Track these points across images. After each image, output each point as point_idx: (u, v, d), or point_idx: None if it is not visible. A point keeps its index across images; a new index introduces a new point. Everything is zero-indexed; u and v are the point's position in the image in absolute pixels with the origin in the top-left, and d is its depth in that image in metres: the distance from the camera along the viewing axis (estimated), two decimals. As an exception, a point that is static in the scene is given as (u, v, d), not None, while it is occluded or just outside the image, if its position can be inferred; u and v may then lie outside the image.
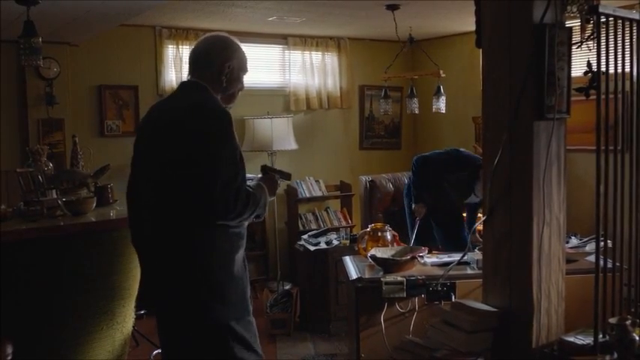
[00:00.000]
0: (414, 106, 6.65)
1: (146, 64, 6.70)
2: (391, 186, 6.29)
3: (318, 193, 7.45)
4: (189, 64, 2.77)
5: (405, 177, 6.41)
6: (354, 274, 3.55)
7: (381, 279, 3.33)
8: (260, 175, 2.95)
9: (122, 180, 6.19)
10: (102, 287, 3.52)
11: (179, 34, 6.74)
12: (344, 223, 7.40)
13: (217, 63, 2.70)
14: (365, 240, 3.93)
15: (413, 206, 5.22)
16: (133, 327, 4.80)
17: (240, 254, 2.70)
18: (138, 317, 5.30)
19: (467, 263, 3.62)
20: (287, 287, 6.10)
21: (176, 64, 6.76)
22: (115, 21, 5.60)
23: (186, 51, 6.75)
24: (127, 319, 3.71)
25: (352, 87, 7.90)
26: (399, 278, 3.33)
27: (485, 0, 2.89)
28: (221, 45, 2.76)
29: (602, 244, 2.81)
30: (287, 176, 3.09)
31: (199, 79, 2.70)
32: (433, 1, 5.61)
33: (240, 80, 2.82)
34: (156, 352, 4.98)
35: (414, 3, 5.62)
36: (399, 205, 6.17)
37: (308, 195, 7.38)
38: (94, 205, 3.60)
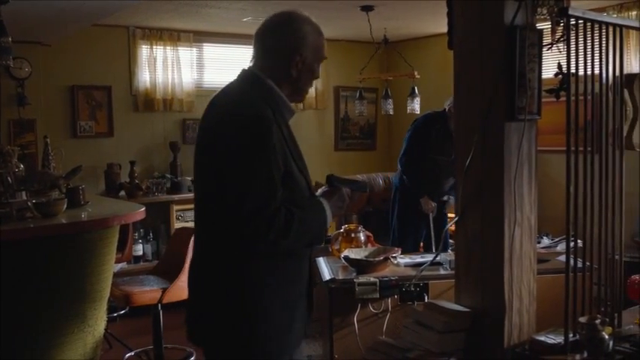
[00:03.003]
0: (389, 107, 6.68)
1: (120, 64, 6.65)
2: (366, 187, 6.28)
3: (293, 194, 7.42)
4: (253, 47, 2.31)
5: (380, 178, 6.41)
6: (327, 275, 3.55)
7: (354, 280, 3.34)
8: (325, 188, 2.41)
9: (94, 181, 6.26)
10: (73, 290, 3.48)
11: (153, 35, 6.69)
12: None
13: (285, 51, 2.22)
14: (338, 241, 3.93)
15: (422, 203, 5.23)
16: (106, 329, 4.76)
17: (294, 292, 2.29)
18: (111, 320, 5.27)
19: (440, 264, 3.64)
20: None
21: (150, 65, 6.72)
22: (87, 21, 5.55)
23: (160, 51, 6.72)
24: (98, 321, 3.67)
25: (327, 88, 7.90)
26: (372, 279, 3.33)
27: (457, 2, 2.91)
28: (292, 27, 2.24)
29: (572, 244, 2.84)
30: (362, 187, 2.61)
31: (260, 69, 2.24)
32: (407, 3, 5.63)
33: (313, 71, 2.32)
34: (128, 354, 4.94)
35: (389, 4, 5.64)
36: (373, 206, 6.18)
37: (283, 196, 7.35)
38: (65, 206, 3.55)
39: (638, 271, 3.18)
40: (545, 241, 4.20)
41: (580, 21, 2.70)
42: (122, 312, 5.58)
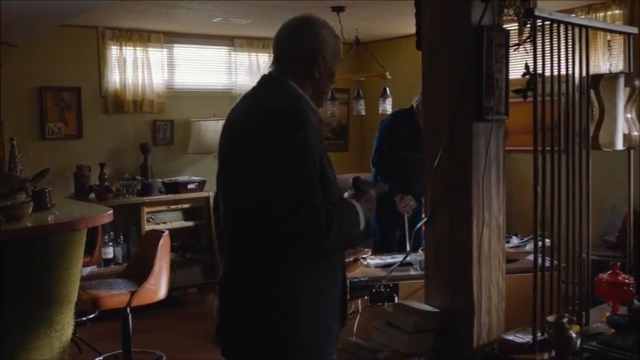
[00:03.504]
0: (361, 107, 6.68)
1: (89, 65, 6.57)
2: (337, 187, 6.27)
3: (265, 196, 7.40)
4: (273, 51, 2.34)
5: (351, 179, 6.38)
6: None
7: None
8: (352, 191, 2.43)
9: (63, 184, 6.18)
10: (39, 294, 3.43)
11: (123, 35, 6.63)
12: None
13: (309, 53, 2.24)
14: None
15: (397, 202, 5.16)
16: (76, 334, 4.71)
17: (329, 297, 2.26)
18: (81, 324, 5.21)
19: (410, 264, 3.64)
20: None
21: (120, 66, 6.65)
22: (56, 21, 5.49)
23: (129, 52, 6.66)
24: (65, 326, 3.62)
25: (299, 89, 7.88)
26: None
27: (424, 2, 2.92)
28: (312, 30, 2.28)
29: (541, 243, 2.86)
30: (383, 188, 2.61)
31: (282, 72, 2.25)
32: (378, 4, 5.64)
33: (333, 73, 2.34)
34: (98, 358, 4.89)
35: (359, 5, 5.64)
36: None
37: (255, 197, 7.33)
38: (31, 209, 3.50)
39: (606, 270, 3.20)
40: (515, 240, 4.23)
41: (546, 22, 2.73)
42: (92, 316, 5.52)
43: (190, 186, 6.68)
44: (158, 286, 4.18)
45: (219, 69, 7.42)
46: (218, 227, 2.41)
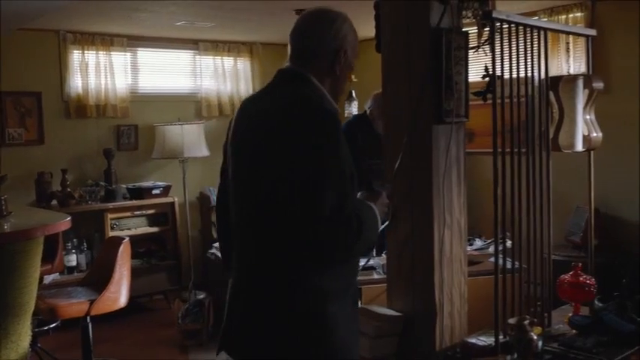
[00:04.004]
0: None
1: (50, 69, 6.44)
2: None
3: (232, 200, 7.35)
4: (291, 45, 2.19)
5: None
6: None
7: (287, 287, 3.29)
8: (364, 193, 2.30)
9: (24, 191, 6.06)
10: (-6, 304, 3.34)
11: (85, 39, 6.52)
12: (259, 230, 7.32)
13: (330, 48, 2.14)
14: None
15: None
16: (37, 344, 4.62)
17: (352, 300, 2.17)
18: (43, 333, 5.11)
19: (373, 268, 3.62)
20: (201, 296, 5.98)
21: (82, 70, 6.54)
22: (11, 24, 5.37)
23: (92, 56, 6.55)
24: (22, 337, 3.52)
25: (265, 92, 7.83)
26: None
27: (384, 5, 2.91)
28: (335, 25, 2.16)
29: (503, 245, 2.86)
30: (390, 188, 2.62)
31: (302, 67, 2.13)
32: (342, 6, 5.59)
33: (352, 69, 2.26)
34: (59, 368, 4.79)
35: (323, 8, 5.61)
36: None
37: (221, 202, 7.27)
38: (-14, 217, 3.42)
39: (571, 270, 3.22)
40: (478, 242, 4.24)
41: (505, 24, 2.73)
42: (53, 325, 5.41)
43: (155, 191, 6.59)
44: (119, 294, 4.11)
45: (184, 73, 7.35)
46: (223, 222, 2.30)
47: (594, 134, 3.15)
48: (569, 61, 5.78)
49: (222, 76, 7.45)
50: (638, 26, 5.58)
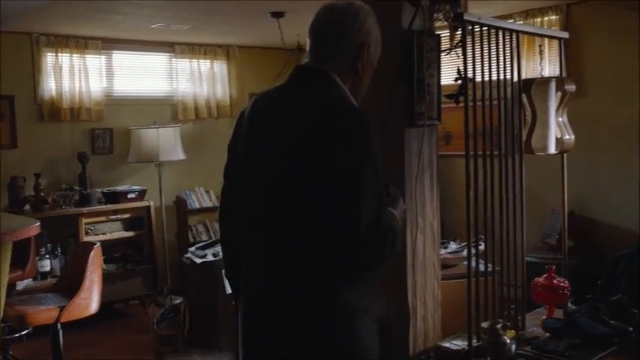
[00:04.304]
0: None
1: (23, 72, 6.33)
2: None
3: (209, 204, 7.30)
4: (311, 39, 2.03)
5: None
6: (229, 288, 3.45)
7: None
8: None
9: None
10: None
11: (58, 42, 6.43)
12: (236, 234, 7.28)
13: (353, 43, 1.99)
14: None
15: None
16: (9, 352, 4.54)
17: (373, 312, 2.02)
18: (16, 340, 5.02)
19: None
20: (177, 301, 5.92)
21: (56, 73, 6.45)
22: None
23: (66, 59, 6.47)
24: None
25: (242, 95, 7.79)
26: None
27: (355, 7, 2.88)
28: (359, 18, 2.00)
29: (479, 247, 2.85)
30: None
31: (323, 64, 1.97)
32: (317, 9, 5.59)
33: (374, 67, 2.11)
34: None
35: (299, 10, 5.58)
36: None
37: (198, 206, 7.23)
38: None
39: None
40: (453, 245, 4.23)
41: (477, 27, 2.72)
42: (25, 332, 5.32)
43: (130, 195, 6.52)
44: (89, 300, 4.05)
45: (160, 76, 7.29)
46: (229, 227, 2.14)
47: (567, 137, 3.15)
48: (543, 63, 5.80)
49: (198, 79, 7.40)
50: (612, 29, 5.62)
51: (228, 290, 3.43)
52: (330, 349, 1.86)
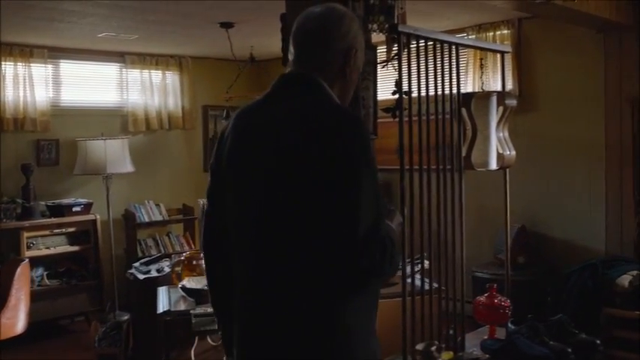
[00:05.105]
0: (256, 126, 6.54)
1: (-37, 81, 6.15)
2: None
3: (159, 217, 7.15)
4: (296, 47, 1.94)
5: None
6: (162, 306, 3.32)
7: (191, 311, 3.13)
8: None
9: None
10: None
11: (2, 50, 6.23)
12: (186, 248, 7.13)
13: (340, 49, 1.91)
14: (180, 269, 3.71)
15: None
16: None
17: (374, 329, 1.94)
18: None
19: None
20: (124, 318, 5.75)
21: (-4, 82, 6.26)
22: None
23: (9, 68, 6.29)
24: None
25: (195, 107, 7.67)
26: (210, 310, 3.13)
27: (290, 17, 2.80)
28: (344, 22, 1.93)
29: (421, 265, 2.76)
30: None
31: (311, 70, 1.89)
32: (267, 20, 5.46)
33: (360, 72, 2.05)
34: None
35: (249, 21, 5.50)
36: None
37: (147, 219, 7.06)
38: None
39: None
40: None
41: (421, 40, 2.64)
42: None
43: (76, 208, 6.34)
44: (15, 319, 3.88)
45: (110, 86, 7.12)
46: (216, 253, 2.02)
47: (507, 152, 3.09)
48: (485, 77, 5.79)
49: (149, 90, 7.25)
50: (561, 44, 5.63)
51: (160, 308, 3.32)
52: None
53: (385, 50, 2.86)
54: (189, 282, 3.44)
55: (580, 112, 5.55)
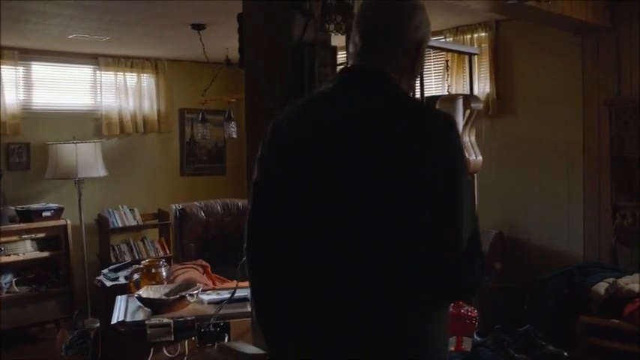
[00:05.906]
0: (232, 130, 6.46)
1: None
2: (203, 214, 5.96)
3: (133, 223, 7.01)
4: (363, 38, 1.77)
5: (218, 204, 6.10)
6: (116, 317, 3.21)
7: (146, 322, 3.01)
8: None
9: None
10: None
11: (-30, 51, 6.12)
12: (162, 254, 7.00)
13: (412, 40, 1.75)
14: (138, 278, 3.60)
15: None
16: None
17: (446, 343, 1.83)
18: None
19: (246, 299, 3.37)
20: (96, 326, 5.61)
21: (-34, 85, 6.12)
22: None
23: (-22, 71, 6.14)
24: None
25: (171, 110, 7.55)
26: (166, 320, 3.02)
27: (246, 17, 2.70)
28: (415, 11, 1.76)
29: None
30: None
31: (381, 64, 1.73)
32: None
33: (423, 65, 1.91)
34: None
35: (220, 23, 5.38)
36: (210, 234, 5.88)
37: (121, 225, 6.92)
38: None
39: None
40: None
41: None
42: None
43: (46, 214, 6.19)
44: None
45: (83, 89, 6.98)
46: (270, 254, 1.78)
47: (474, 157, 3.00)
48: (451, 79, 5.70)
49: (124, 93, 7.12)
50: (538, 47, 5.56)
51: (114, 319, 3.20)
52: None
53: (345, 53, 2.76)
54: (147, 291, 3.32)
55: (558, 115, 5.47)
